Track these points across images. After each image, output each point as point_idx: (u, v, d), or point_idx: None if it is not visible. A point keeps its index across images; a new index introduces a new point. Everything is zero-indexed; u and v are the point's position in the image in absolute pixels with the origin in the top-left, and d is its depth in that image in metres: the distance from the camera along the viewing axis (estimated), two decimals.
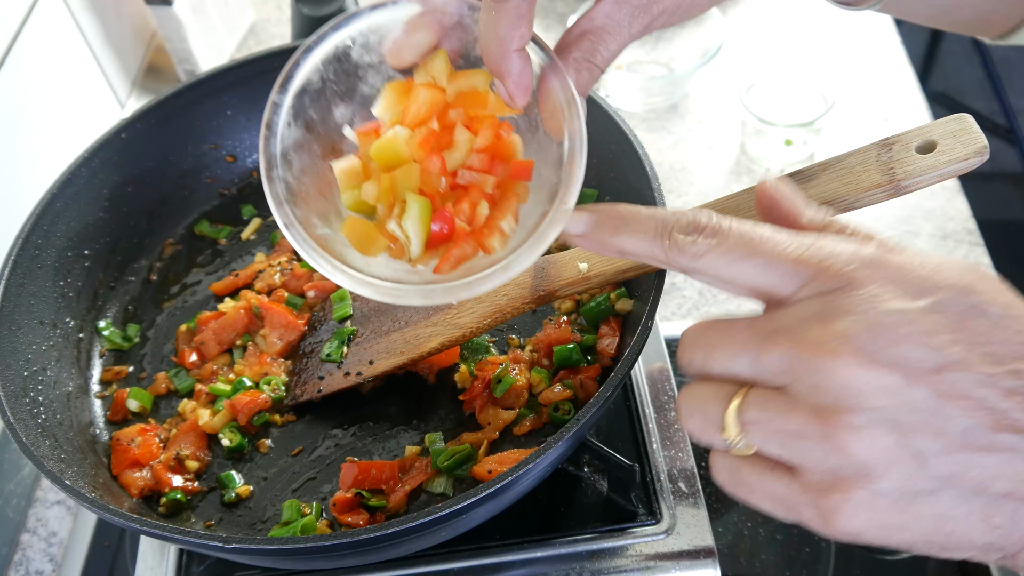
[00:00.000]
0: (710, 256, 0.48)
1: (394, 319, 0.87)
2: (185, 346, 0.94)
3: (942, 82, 2.89)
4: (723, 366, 0.47)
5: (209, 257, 1.03)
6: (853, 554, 0.98)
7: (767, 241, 0.47)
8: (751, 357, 0.45)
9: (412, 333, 0.85)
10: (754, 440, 0.46)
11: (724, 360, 0.47)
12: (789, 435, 0.44)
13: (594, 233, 0.53)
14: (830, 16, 1.55)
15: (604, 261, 0.74)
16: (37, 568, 1.00)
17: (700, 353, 0.48)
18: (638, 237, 0.50)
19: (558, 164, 0.59)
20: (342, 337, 0.89)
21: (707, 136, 1.39)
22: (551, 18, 1.59)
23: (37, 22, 1.19)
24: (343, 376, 0.87)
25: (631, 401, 0.91)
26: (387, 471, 0.81)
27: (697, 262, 0.48)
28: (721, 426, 0.47)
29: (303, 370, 0.90)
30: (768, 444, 0.45)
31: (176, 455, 0.85)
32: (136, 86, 1.45)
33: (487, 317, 0.81)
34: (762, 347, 0.45)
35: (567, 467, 0.87)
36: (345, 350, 0.88)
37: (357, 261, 0.60)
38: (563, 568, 0.82)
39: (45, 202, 0.90)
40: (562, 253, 0.78)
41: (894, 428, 0.42)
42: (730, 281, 0.48)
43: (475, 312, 0.81)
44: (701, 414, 0.48)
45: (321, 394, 0.87)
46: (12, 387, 0.80)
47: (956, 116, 0.62)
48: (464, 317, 0.82)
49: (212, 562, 0.84)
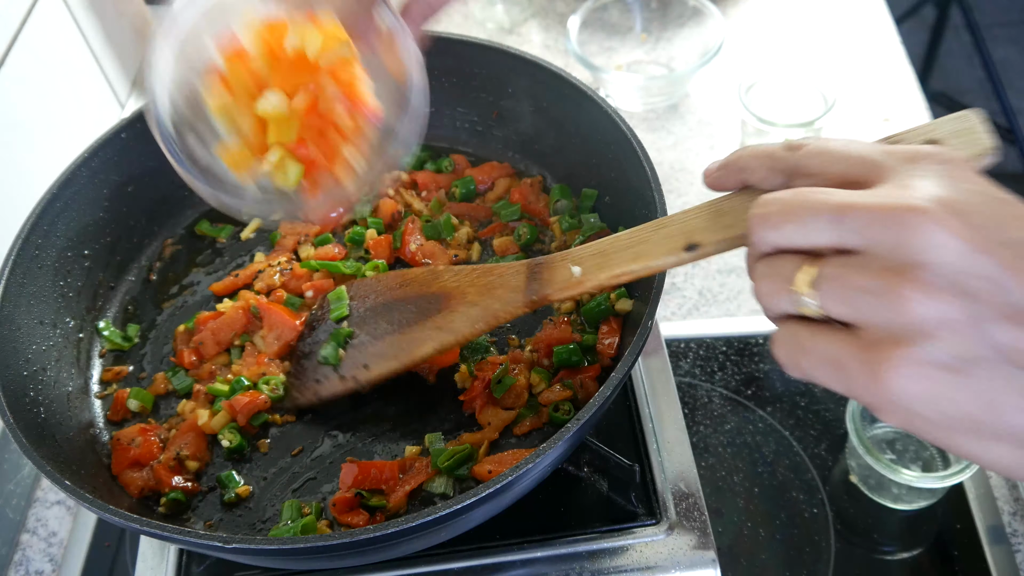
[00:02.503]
0: (808, 150, 0.53)
1: (389, 321, 0.87)
2: (183, 346, 0.94)
3: (942, 82, 2.89)
4: (802, 230, 0.48)
5: (209, 257, 1.03)
6: (853, 554, 0.98)
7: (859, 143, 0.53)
8: (832, 219, 0.47)
9: (406, 337, 0.84)
10: (827, 297, 0.47)
11: (804, 222, 0.48)
12: (858, 290, 0.46)
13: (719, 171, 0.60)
14: (830, 16, 1.55)
15: (597, 265, 0.73)
16: (37, 568, 1.00)
17: (775, 218, 0.49)
18: (755, 157, 0.57)
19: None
20: (339, 339, 0.88)
21: (707, 136, 1.39)
22: (551, 18, 1.59)
23: (37, 22, 1.19)
24: (339, 380, 0.87)
25: (631, 401, 0.91)
26: (387, 471, 0.81)
27: (798, 154, 0.54)
28: (791, 284, 0.48)
29: (301, 372, 0.89)
30: (835, 300, 0.47)
31: (176, 455, 0.85)
32: (136, 86, 1.45)
33: (480, 322, 0.80)
34: (845, 208, 0.47)
35: (567, 467, 0.87)
36: (342, 353, 0.88)
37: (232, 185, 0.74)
38: (563, 568, 0.82)
39: (45, 202, 0.90)
40: (554, 255, 0.77)
41: (959, 292, 0.44)
42: (823, 167, 0.53)
43: (468, 316, 0.81)
44: (775, 275, 0.49)
45: (319, 398, 0.87)
46: (12, 387, 0.80)
47: (961, 114, 0.60)
48: (457, 322, 0.81)
49: (212, 562, 0.84)
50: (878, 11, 1.56)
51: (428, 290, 0.84)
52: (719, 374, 1.12)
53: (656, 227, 0.68)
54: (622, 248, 0.71)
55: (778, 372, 1.11)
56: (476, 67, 1.02)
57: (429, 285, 0.85)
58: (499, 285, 0.79)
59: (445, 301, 0.83)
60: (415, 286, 0.86)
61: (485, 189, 1.04)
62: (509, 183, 1.04)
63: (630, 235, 0.70)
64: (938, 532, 0.99)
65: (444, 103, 1.07)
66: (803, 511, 1.01)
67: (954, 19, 2.75)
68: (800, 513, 1.01)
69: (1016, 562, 0.95)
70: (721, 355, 1.14)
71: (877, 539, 0.99)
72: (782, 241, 0.49)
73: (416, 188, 1.05)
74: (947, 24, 2.73)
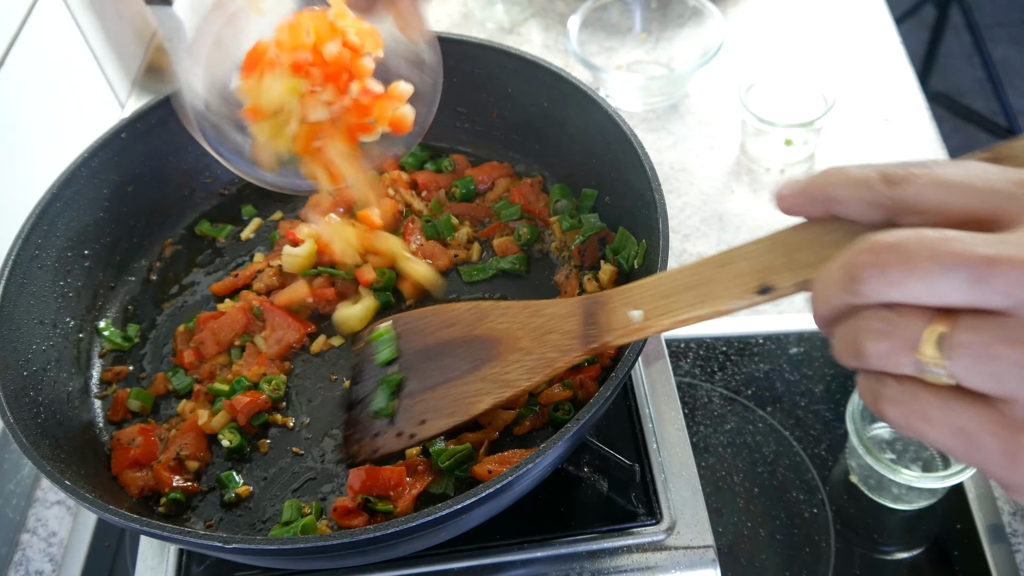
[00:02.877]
0: (922, 183, 0.44)
1: (440, 368, 0.81)
2: (183, 346, 0.94)
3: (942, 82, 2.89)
4: (932, 287, 0.40)
5: (209, 257, 1.03)
6: (853, 554, 0.98)
7: (974, 169, 0.44)
8: (971, 275, 0.39)
9: (459, 390, 0.79)
10: (961, 366, 0.40)
11: (935, 277, 0.40)
12: (1003, 362, 0.39)
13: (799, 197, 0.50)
14: (830, 16, 1.55)
15: (659, 308, 0.66)
16: (37, 568, 1.00)
17: (893, 270, 0.41)
18: (848, 186, 0.47)
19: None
20: (390, 387, 0.83)
21: (707, 136, 1.39)
22: (551, 18, 1.59)
23: (37, 22, 1.19)
24: (395, 437, 0.81)
25: (631, 401, 0.91)
26: (395, 477, 0.80)
27: (908, 190, 0.44)
28: (916, 348, 0.41)
29: (355, 423, 0.84)
30: (976, 372, 0.40)
31: (176, 455, 0.85)
32: (136, 86, 1.45)
33: (537, 373, 0.74)
34: (992, 263, 0.39)
35: (567, 467, 0.87)
36: (395, 403, 0.82)
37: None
38: (563, 568, 0.81)
39: (45, 202, 0.90)
40: (608, 294, 0.70)
41: None
42: (941, 203, 0.44)
43: (523, 366, 0.75)
44: (894, 334, 0.42)
45: (377, 455, 0.82)
46: (12, 387, 0.80)
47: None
48: (512, 373, 0.76)
49: (212, 562, 0.84)
50: (878, 11, 1.56)
51: (475, 332, 0.80)
52: (719, 374, 1.12)
53: (721, 263, 0.61)
54: (685, 288, 0.64)
55: (778, 372, 1.11)
56: (476, 67, 1.02)
57: (476, 326, 0.80)
58: (553, 330, 0.74)
59: (496, 346, 0.77)
60: (462, 326, 0.81)
61: (485, 189, 1.04)
62: (509, 183, 1.04)
63: (694, 272, 0.63)
64: (938, 532, 0.99)
65: (444, 103, 1.06)
66: (803, 511, 1.01)
67: (954, 19, 2.75)
68: (800, 513, 1.01)
69: (1016, 562, 0.95)
70: (721, 355, 1.14)
71: (877, 539, 0.99)
72: (901, 297, 0.41)
73: (416, 188, 1.05)
74: (947, 24, 2.73)
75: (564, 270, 0.96)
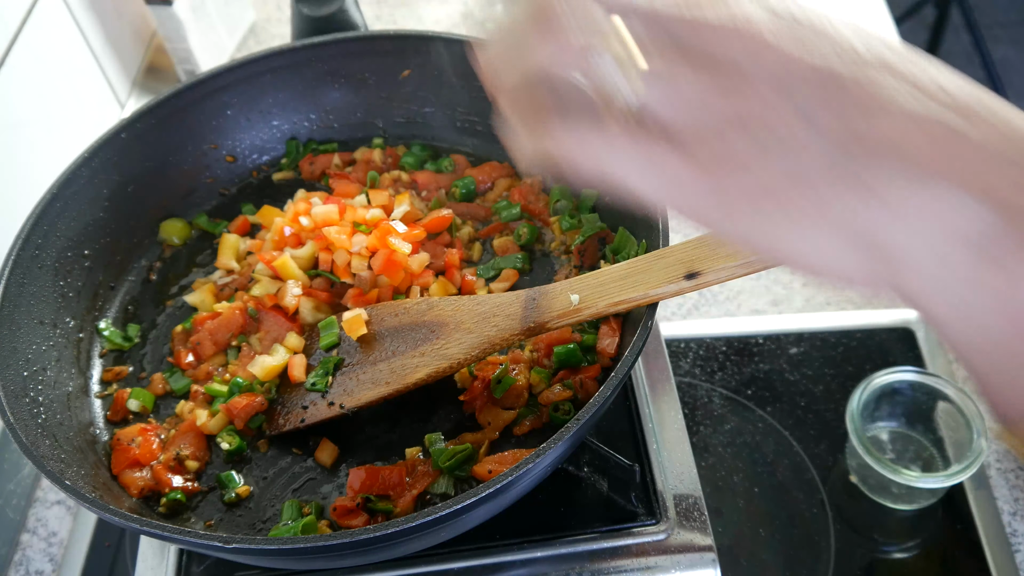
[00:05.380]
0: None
1: (382, 349, 0.86)
2: (181, 347, 0.94)
3: None
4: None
5: (209, 257, 1.03)
6: (853, 554, 0.98)
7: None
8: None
9: (399, 363, 0.83)
10: (655, 92, 0.42)
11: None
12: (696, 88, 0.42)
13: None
14: None
15: (595, 293, 0.73)
16: (37, 568, 1.00)
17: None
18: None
19: None
20: (327, 366, 0.87)
21: None
22: None
23: (37, 22, 1.19)
24: (327, 406, 0.85)
25: (631, 401, 0.91)
26: (395, 476, 0.80)
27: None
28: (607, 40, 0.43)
29: (287, 399, 0.88)
30: (667, 100, 0.42)
31: (176, 455, 0.85)
32: (136, 86, 1.45)
33: (475, 348, 0.80)
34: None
35: (567, 467, 0.87)
36: (330, 379, 0.86)
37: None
38: (563, 568, 0.81)
39: (45, 202, 0.90)
40: (553, 284, 0.77)
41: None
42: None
43: (463, 343, 0.80)
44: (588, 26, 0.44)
45: (304, 424, 0.85)
46: (12, 387, 0.80)
47: None
48: (452, 348, 0.81)
49: (212, 562, 0.84)
50: (878, 11, 1.55)
51: (423, 319, 0.84)
52: (719, 374, 1.12)
53: (657, 257, 0.69)
54: (621, 277, 0.72)
55: (778, 372, 1.11)
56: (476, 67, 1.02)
57: (424, 314, 0.84)
58: (495, 313, 0.80)
59: (440, 329, 0.83)
60: (410, 315, 0.85)
61: (485, 189, 1.04)
62: (509, 183, 1.04)
63: (630, 264, 0.70)
64: (938, 532, 0.99)
65: (444, 103, 1.07)
66: (803, 511, 1.01)
67: (954, 19, 2.75)
68: (800, 513, 1.01)
69: (1016, 562, 0.95)
70: (721, 355, 1.14)
71: (877, 539, 0.99)
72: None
73: (416, 188, 1.05)
74: (947, 24, 2.72)
75: (564, 270, 0.96)
